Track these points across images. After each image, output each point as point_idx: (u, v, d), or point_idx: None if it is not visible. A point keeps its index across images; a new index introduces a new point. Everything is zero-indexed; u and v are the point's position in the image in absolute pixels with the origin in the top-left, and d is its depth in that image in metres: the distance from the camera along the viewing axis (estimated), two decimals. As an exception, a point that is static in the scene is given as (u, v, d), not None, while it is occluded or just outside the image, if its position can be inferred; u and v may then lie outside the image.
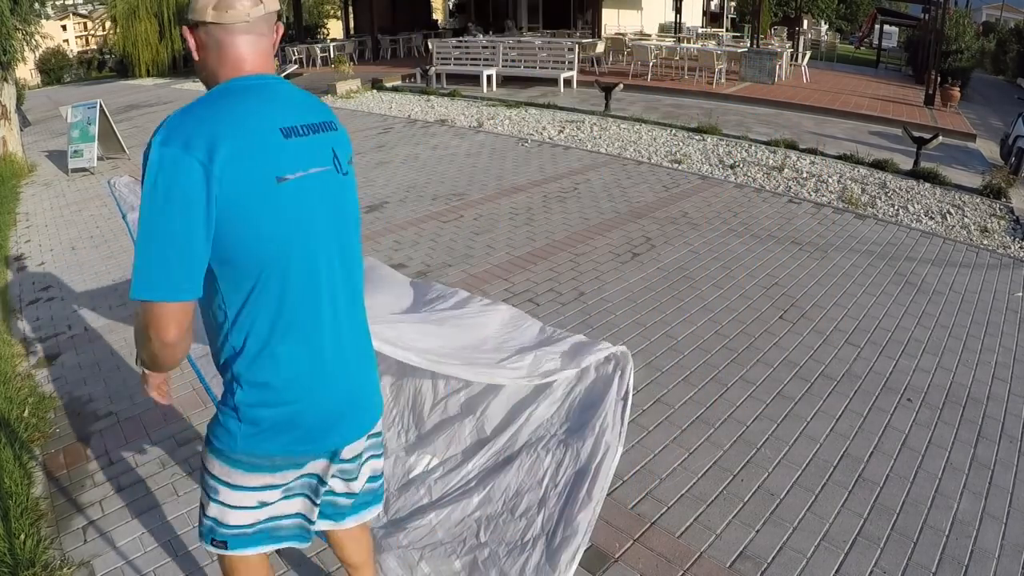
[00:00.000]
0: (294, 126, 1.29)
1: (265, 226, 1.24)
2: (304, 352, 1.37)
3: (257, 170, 1.22)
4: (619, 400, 2.43)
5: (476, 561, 2.22)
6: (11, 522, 2.48)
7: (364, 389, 1.51)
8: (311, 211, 1.31)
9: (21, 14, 9.34)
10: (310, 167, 1.31)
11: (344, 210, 1.41)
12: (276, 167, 1.25)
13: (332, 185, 1.37)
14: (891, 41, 22.74)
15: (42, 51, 25.76)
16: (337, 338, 1.43)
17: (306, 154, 1.30)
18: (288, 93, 1.35)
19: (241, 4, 1.28)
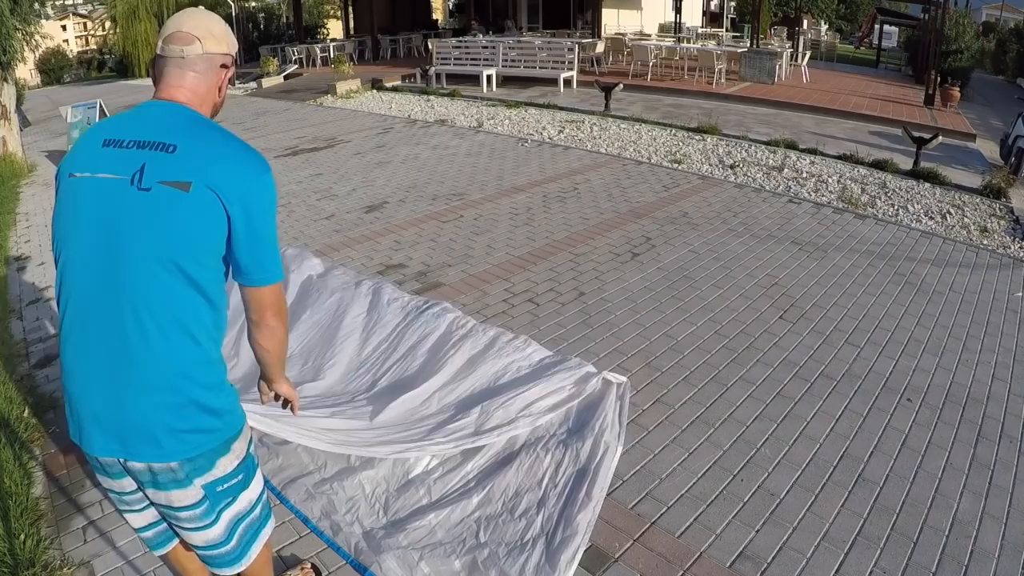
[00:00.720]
0: (120, 139, 1.40)
1: (56, 215, 1.44)
2: (65, 345, 1.44)
3: (65, 167, 1.44)
4: (617, 400, 2.43)
5: (476, 561, 2.22)
6: (11, 522, 2.48)
7: (113, 418, 1.40)
8: (81, 211, 1.39)
9: (21, 14, 9.34)
10: (100, 171, 1.38)
11: (121, 224, 1.35)
12: (76, 166, 1.41)
13: (116, 195, 1.36)
14: (891, 41, 22.73)
15: (42, 51, 25.78)
16: (83, 347, 1.40)
17: (107, 161, 1.38)
18: (152, 115, 1.44)
19: (174, 44, 1.47)
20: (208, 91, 1.52)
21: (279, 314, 1.54)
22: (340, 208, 6.41)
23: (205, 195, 1.34)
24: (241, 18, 24.15)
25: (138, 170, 1.35)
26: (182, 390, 1.40)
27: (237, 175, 1.38)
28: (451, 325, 3.12)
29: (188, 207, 1.34)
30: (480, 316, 4.09)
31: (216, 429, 1.47)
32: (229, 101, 16.02)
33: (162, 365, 1.38)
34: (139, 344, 1.36)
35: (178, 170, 1.35)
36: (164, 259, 1.34)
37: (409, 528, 2.37)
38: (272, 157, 8.86)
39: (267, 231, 1.44)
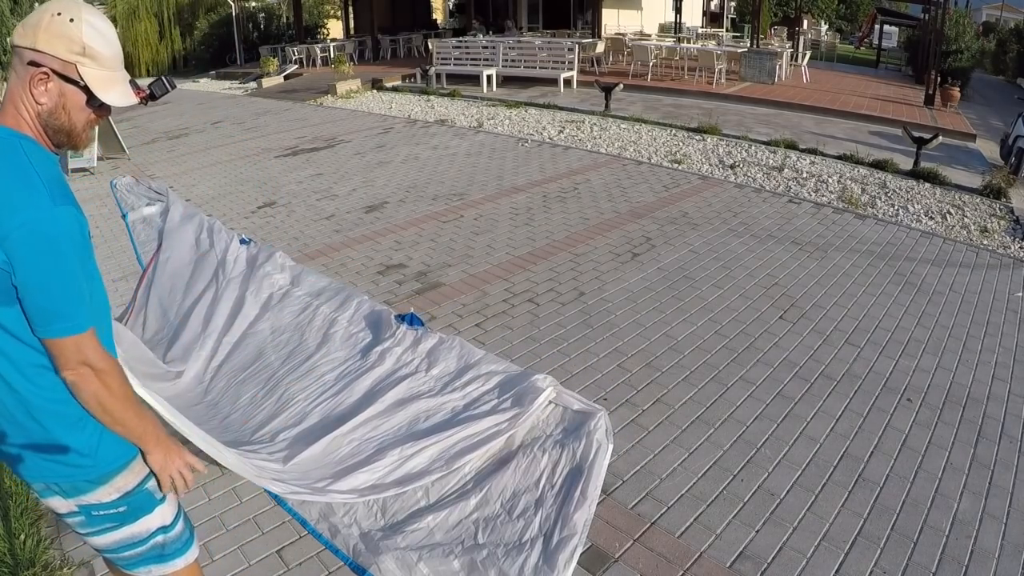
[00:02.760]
0: None
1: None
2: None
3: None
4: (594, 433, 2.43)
5: (475, 562, 2.22)
6: (11, 522, 2.48)
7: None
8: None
9: (21, 14, 9.35)
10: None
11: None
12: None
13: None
14: (891, 41, 22.73)
15: (42, 51, 25.73)
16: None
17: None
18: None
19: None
20: (19, 103, 1.32)
21: (84, 365, 1.32)
22: (340, 208, 6.41)
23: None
24: (241, 18, 24.15)
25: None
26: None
27: (3, 222, 1.21)
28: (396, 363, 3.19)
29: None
30: (480, 316, 4.09)
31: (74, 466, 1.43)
32: (229, 101, 15.92)
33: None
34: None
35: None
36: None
37: (407, 530, 2.37)
38: (272, 157, 8.86)
39: (43, 277, 1.25)
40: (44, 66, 1.29)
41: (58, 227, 1.25)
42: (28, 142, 1.31)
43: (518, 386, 3.20)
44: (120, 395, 1.40)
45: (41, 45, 1.28)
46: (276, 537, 2.44)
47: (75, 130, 1.39)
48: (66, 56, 1.30)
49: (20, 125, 1.31)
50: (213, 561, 2.34)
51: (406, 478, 2.65)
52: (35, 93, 1.30)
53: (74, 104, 1.35)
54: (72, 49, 1.30)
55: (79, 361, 1.32)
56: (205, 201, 6.87)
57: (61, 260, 1.26)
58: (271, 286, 3.77)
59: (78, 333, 1.30)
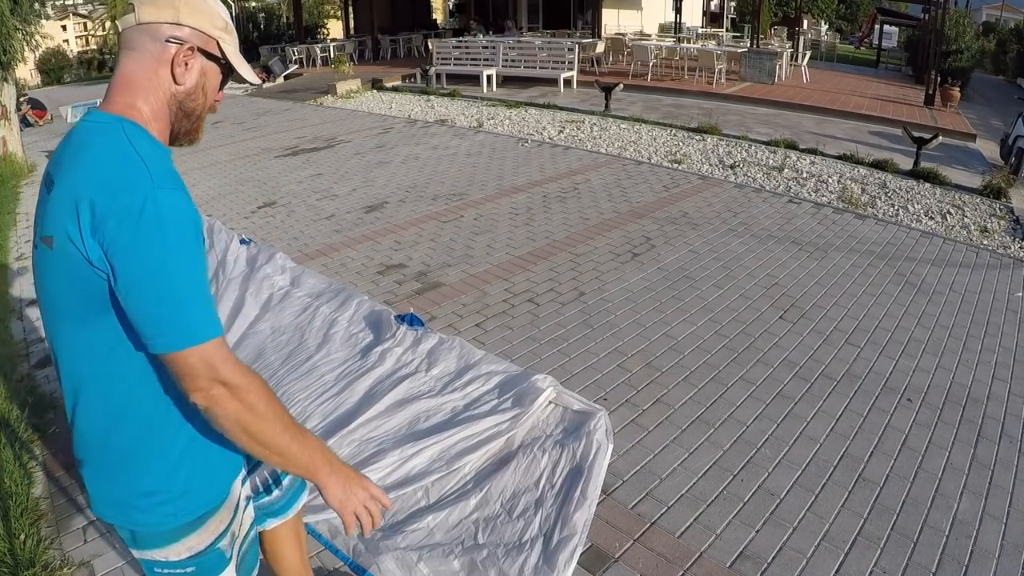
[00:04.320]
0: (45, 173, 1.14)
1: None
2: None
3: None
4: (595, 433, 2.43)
5: (475, 562, 2.22)
6: (11, 522, 2.48)
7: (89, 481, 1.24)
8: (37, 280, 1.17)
9: (21, 14, 9.34)
10: (35, 234, 1.14)
11: (43, 288, 1.13)
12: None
13: (36, 259, 1.14)
14: (891, 41, 22.72)
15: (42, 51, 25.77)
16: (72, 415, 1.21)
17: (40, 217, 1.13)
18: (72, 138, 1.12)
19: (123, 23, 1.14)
20: (152, 85, 1.14)
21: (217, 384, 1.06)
22: (340, 208, 6.41)
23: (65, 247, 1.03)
24: (241, 18, 24.16)
25: (40, 216, 1.11)
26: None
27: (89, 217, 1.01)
28: (396, 363, 3.20)
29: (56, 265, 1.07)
30: (480, 316, 4.09)
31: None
32: (228, 101, 15.96)
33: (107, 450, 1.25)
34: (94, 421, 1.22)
35: (52, 221, 1.06)
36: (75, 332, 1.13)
37: (407, 530, 2.37)
38: (272, 157, 8.86)
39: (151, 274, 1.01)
40: (188, 42, 1.15)
41: (168, 212, 1.02)
42: (135, 128, 1.11)
43: (518, 386, 3.20)
44: (269, 416, 1.13)
45: (185, 19, 1.14)
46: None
47: (203, 114, 1.25)
48: (210, 31, 1.17)
49: (133, 112, 1.13)
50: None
51: (406, 479, 2.65)
52: (177, 73, 1.15)
53: (212, 84, 1.22)
54: (215, 24, 1.18)
55: (209, 379, 1.05)
56: (205, 201, 6.87)
57: (174, 252, 1.02)
58: (271, 287, 3.78)
59: (204, 342, 1.04)
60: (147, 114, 1.14)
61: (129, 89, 1.13)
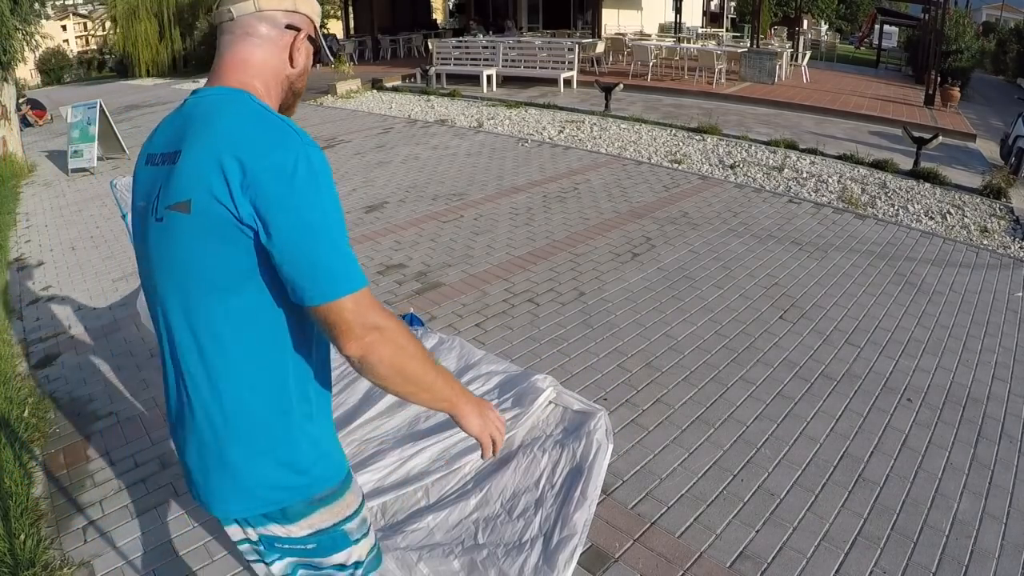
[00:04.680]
0: (154, 153, 1.16)
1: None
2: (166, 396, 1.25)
3: (130, 196, 1.23)
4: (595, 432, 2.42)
5: (474, 562, 2.22)
6: (11, 522, 2.48)
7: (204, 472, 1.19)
8: (144, 252, 1.17)
9: (21, 14, 9.34)
10: (138, 200, 1.18)
11: (170, 262, 1.11)
12: (135, 196, 1.20)
13: (147, 226, 1.14)
14: (891, 41, 22.73)
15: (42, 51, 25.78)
16: (180, 399, 1.19)
17: (143, 186, 1.17)
18: (187, 111, 1.15)
19: (224, 4, 1.17)
20: (269, 68, 1.19)
21: (373, 330, 1.07)
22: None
23: (207, 215, 1.04)
24: (241, 18, 24.11)
25: (157, 192, 1.11)
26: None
27: (238, 173, 1.02)
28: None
29: (192, 232, 1.06)
30: (480, 316, 4.09)
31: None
32: (229, 101, 15.95)
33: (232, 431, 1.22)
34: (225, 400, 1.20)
35: (182, 188, 1.06)
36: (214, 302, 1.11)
37: (407, 530, 2.37)
38: (272, 157, 8.86)
39: (310, 225, 1.04)
40: (304, 29, 1.23)
41: (319, 167, 1.06)
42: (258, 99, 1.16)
43: (518, 386, 3.20)
44: (416, 353, 1.14)
45: (301, 7, 1.21)
46: (276, 537, 2.44)
47: (302, 92, 1.32)
48: (314, 17, 1.25)
49: (249, 89, 1.16)
50: (213, 561, 2.34)
51: (406, 479, 2.65)
52: (294, 57, 1.22)
53: (309, 65, 1.29)
54: (315, 10, 1.26)
55: (363, 326, 1.06)
56: (205, 201, 6.87)
57: (328, 205, 1.05)
58: None
59: (357, 291, 1.06)
60: (261, 92, 1.18)
61: (244, 70, 1.17)
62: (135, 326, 4.19)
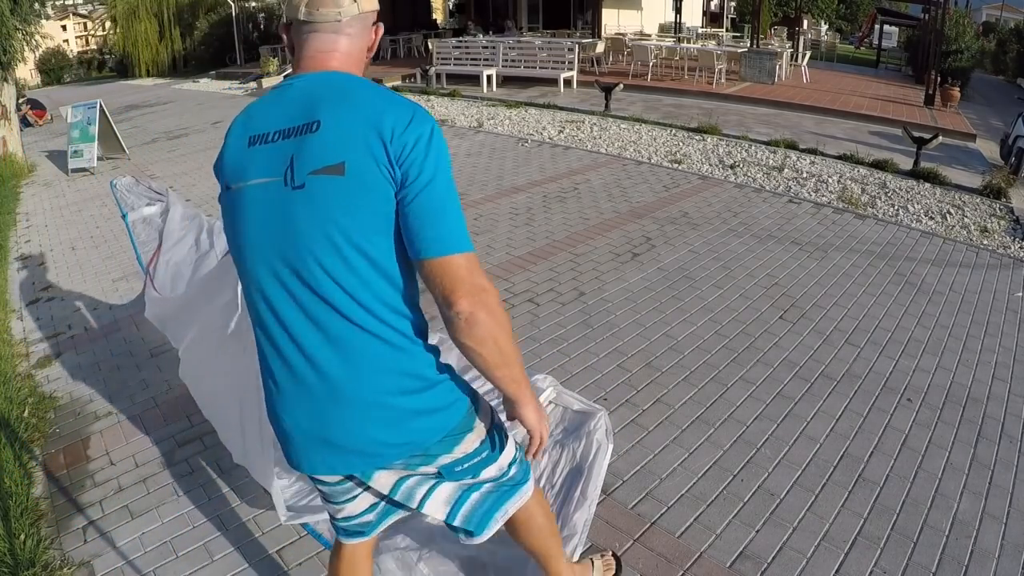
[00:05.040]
0: (264, 133, 1.26)
1: (226, 231, 1.34)
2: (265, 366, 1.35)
3: (221, 176, 1.33)
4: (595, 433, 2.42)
5: (475, 561, 2.22)
6: (11, 522, 2.48)
7: (353, 430, 1.28)
8: (246, 224, 1.27)
9: (21, 14, 9.34)
10: (252, 178, 1.26)
11: (292, 227, 1.21)
12: (229, 175, 1.30)
13: (274, 199, 1.23)
14: (891, 41, 22.73)
15: (42, 51, 25.78)
16: (288, 365, 1.28)
17: (256, 164, 1.26)
18: (295, 92, 1.27)
19: (327, 8, 1.30)
20: (360, 55, 1.38)
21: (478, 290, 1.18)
22: (340, 208, 6.40)
23: (362, 173, 1.16)
24: (241, 18, 24.15)
25: (288, 165, 1.21)
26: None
27: (389, 135, 1.18)
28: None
29: (350, 191, 1.17)
30: (480, 316, 4.09)
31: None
32: (229, 101, 15.99)
33: (378, 375, 1.32)
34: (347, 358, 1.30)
35: (332, 152, 1.18)
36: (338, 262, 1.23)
37: (407, 530, 2.37)
38: (272, 157, 8.86)
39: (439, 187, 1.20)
40: (380, 22, 1.43)
41: (442, 140, 1.26)
42: None
43: None
44: (510, 329, 1.24)
45: (377, 4, 1.42)
46: (276, 537, 2.44)
47: None
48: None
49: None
50: (213, 561, 2.34)
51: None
52: (374, 45, 1.43)
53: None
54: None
55: (475, 284, 1.17)
56: (205, 201, 6.87)
57: (449, 171, 1.24)
58: None
59: (470, 250, 1.19)
60: (358, 74, 1.37)
61: (346, 59, 1.33)
62: (135, 326, 4.20)
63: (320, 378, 1.25)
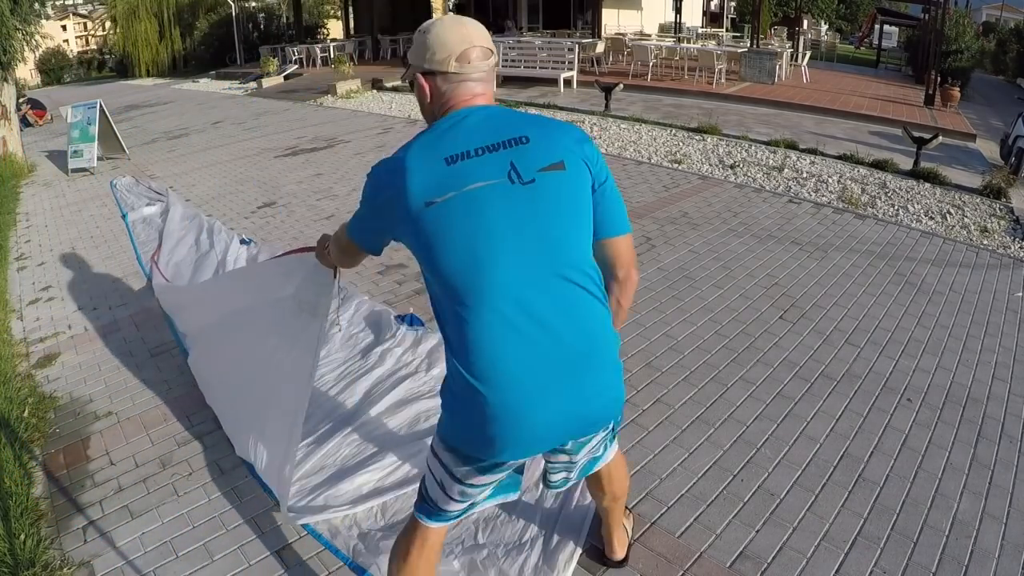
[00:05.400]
0: (466, 151, 1.44)
1: (449, 232, 1.41)
2: (501, 357, 1.48)
3: (413, 197, 1.42)
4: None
5: (475, 561, 2.22)
6: (11, 522, 2.48)
7: (590, 397, 1.50)
8: (484, 218, 1.40)
9: (21, 14, 9.35)
10: (470, 183, 1.41)
11: (532, 214, 1.42)
12: (427, 193, 1.42)
13: (507, 194, 1.42)
14: (891, 41, 22.74)
15: (42, 51, 25.79)
16: (537, 347, 1.42)
17: (471, 173, 1.42)
18: (480, 120, 1.49)
19: (478, 59, 1.54)
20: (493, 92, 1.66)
21: (636, 260, 1.64)
22: (341, 208, 6.41)
23: (577, 164, 1.48)
24: (241, 18, 24.15)
25: (510, 168, 1.43)
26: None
27: (583, 144, 1.52)
28: (396, 364, 3.23)
29: (570, 181, 1.46)
30: (480, 316, 4.09)
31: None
32: (229, 102, 15.97)
33: (611, 337, 1.54)
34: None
35: (548, 154, 1.46)
36: (581, 237, 1.50)
37: (408, 529, 2.37)
38: (272, 157, 8.86)
39: (613, 184, 1.58)
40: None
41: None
42: None
43: None
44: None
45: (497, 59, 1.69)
46: (276, 537, 2.44)
47: None
48: None
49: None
50: (213, 561, 2.34)
51: (406, 479, 2.65)
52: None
53: None
54: None
55: (633, 256, 1.62)
56: (205, 201, 6.87)
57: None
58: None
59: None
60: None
61: (490, 99, 1.57)
62: (135, 326, 4.20)
63: (571, 347, 1.42)
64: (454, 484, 1.58)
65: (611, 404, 1.54)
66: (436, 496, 1.63)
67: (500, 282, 1.39)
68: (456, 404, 1.46)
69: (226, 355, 2.93)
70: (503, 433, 1.42)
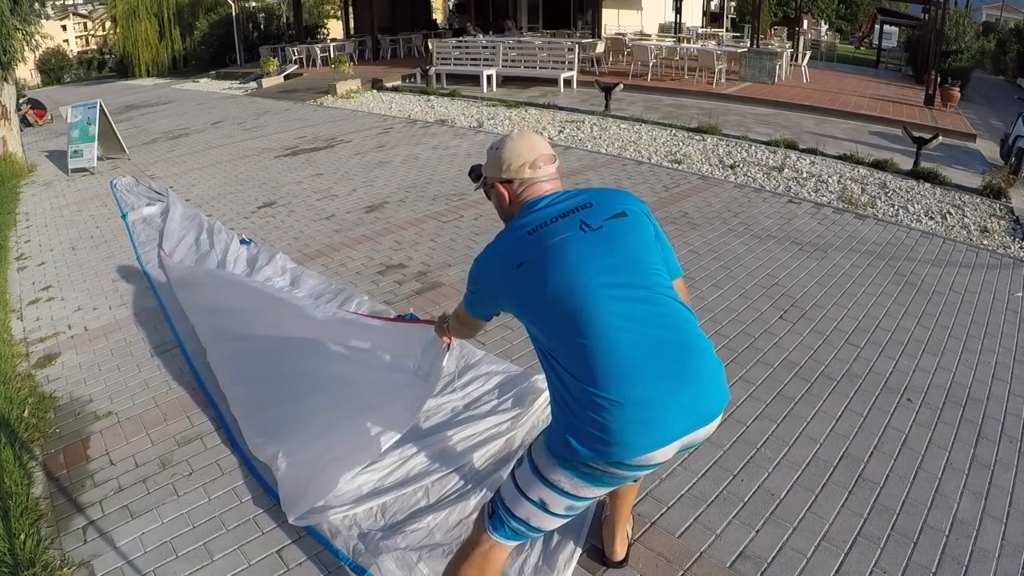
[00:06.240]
0: (543, 222, 1.71)
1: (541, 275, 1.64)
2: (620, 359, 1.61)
3: (508, 264, 1.72)
4: None
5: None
6: (11, 522, 2.48)
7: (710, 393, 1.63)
8: (567, 260, 1.63)
9: (21, 14, 9.35)
10: (551, 240, 1.66)
11: (609, 244, 1.66)
12: (521, 256, 1.69)
13: (581, 240, 1.66)
14: (891, 41, 22.74)
15: (42, 51, 25.79)
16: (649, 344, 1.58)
17: (551, 234, 1.67)
18: (552, 199, 1.77)
19: (545, 164, 1.83)
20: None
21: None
22: (340, 208, 6.41)
23: (637, 214, 1.75)
24: (241, 18, 24.14)
25: (579, 224, 1.69)
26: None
27: (639, 202, 1.81)
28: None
29: (634, 224, 1.73)
30: (480, 316, 4.09)
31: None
32: (229, 102, 15.95)
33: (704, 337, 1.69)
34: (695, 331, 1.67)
35: (609, 210, 1.73)
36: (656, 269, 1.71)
37: (407, 530, 2.37)
38: (272, 157, 8.86)
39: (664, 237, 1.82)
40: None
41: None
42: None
43: (518, 386, 3.20)
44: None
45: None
46: (276, 537, 2.44)
47: None
48: None
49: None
50: (213, 561, 2.35)
51: (406, 479, 2.65)
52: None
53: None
54: None
55: (688, 297, 1.81)
56: (205, 201, 6.87)
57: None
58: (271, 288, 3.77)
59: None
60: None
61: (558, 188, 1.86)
62: (135, 326, 4.20)
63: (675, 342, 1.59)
64: (562, 499, 1.65)
65: (722, 388, 1.65)
66: (527, 515, 1.69)
67: (597, 297, 1.58)
68: (584, 417, 1.54)
69: (281, 368, 3.03)
70: (640, 427, 1.52)
